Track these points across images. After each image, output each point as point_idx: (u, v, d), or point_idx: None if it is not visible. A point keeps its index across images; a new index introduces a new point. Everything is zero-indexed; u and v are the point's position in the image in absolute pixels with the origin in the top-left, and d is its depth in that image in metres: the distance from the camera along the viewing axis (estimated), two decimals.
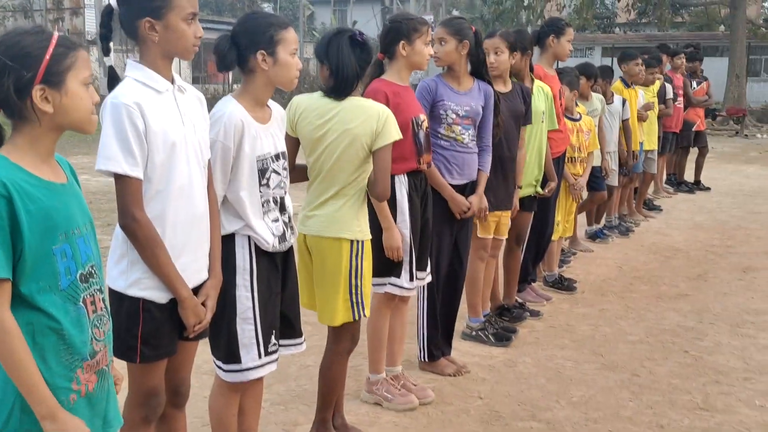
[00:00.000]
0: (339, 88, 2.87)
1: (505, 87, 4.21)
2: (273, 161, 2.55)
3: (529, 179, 4.58)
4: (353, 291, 2.95)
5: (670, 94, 8.37)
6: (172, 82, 2.21)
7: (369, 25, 43.89)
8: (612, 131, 6.69)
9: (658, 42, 30.18)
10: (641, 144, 7.48)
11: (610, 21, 39.09)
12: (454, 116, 3.70)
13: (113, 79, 2.17)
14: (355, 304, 2.97)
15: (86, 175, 8.81)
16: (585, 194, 5.96)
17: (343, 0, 45.46)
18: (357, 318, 3.00)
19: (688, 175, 10.12)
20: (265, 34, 2.48)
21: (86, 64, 1.71)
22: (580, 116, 5.63)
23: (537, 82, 4.64)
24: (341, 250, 2.92)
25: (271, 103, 2.63)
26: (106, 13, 2.18)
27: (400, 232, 3.28)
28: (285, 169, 2.62)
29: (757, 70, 30.67)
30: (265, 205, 2.55)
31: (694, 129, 9.55)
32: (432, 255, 3.66)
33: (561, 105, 5.03)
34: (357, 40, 2.90)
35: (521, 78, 4.47)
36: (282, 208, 2.62)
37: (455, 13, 46.21)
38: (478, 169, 3.85)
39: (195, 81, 31.62)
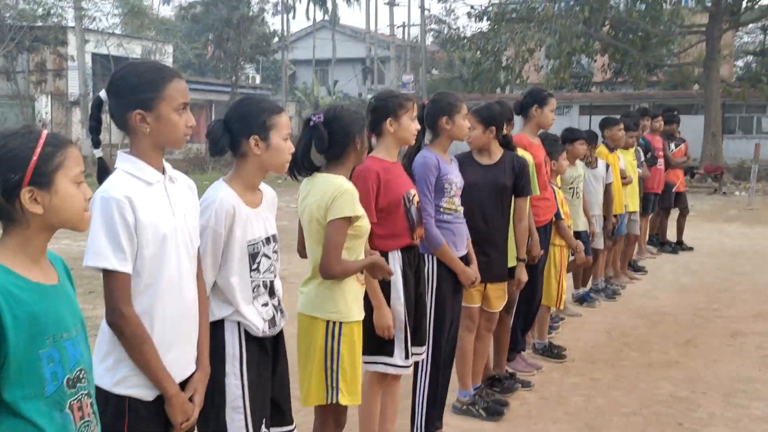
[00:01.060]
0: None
1: (489, 159, 4.22)
2: (264, 245, 2.52)
3: (513, 248, 4.57)
4: (327, 374, 2.91)
5: (642, 157, 8.48)
6: (163, 171, 2.18)
7: (350, 84, 44.65)
8: (597, 195, 6.74)
9: (633, 100, 30.75)
10: (625, 206, 7.55)
11: (587, 80, 39.91)
12: (456, 189, 3.74)
13: (103, 171, 2.13)
14: (329, 388, 2.92)
15: (68, 239, 8.71)
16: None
17: (324, 60, 46.24)
18: (331, 402, 2.93)
19: (671, 236, 10.19)
20: (258, 119, 2.49)
21: (77, 161, 1.68)
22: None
23: (518, 150, 4.67)
24: (315, 330, 2.91)
25: (262, 185, 2.62)
26: (96, 105, 2.16)
27: (395, 309, 3.24)
28: (276, 252, 2.59)
29: (731, 128, 31.32)
30: (255, 290, 2.51)
31: (674, 190, 9.66)
32: (439, 330, 3.65)
33: (547, 173, 5.06)
34: (308, 122, 2.96)
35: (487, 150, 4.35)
36: (272, 292, 2.58)
37: (434, 73, 47.10)
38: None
39: None
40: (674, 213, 10.13)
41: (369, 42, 42.60)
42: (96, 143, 2.16)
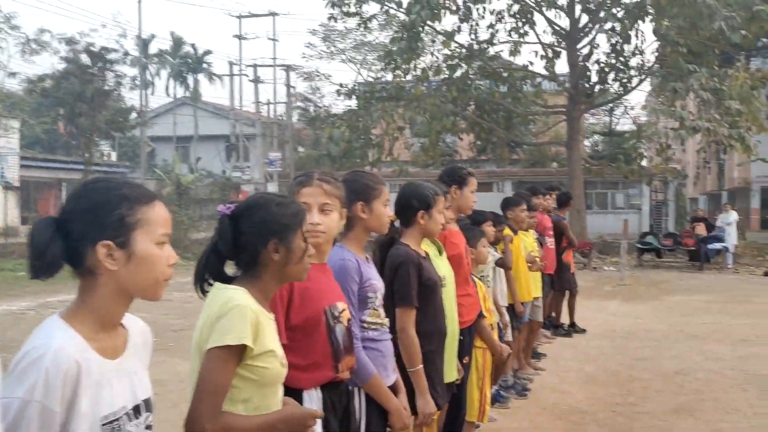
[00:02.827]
0: (195, 279, 2.08)
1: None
2: (128, 420, 1.56)
3: (449, 359, 3.77)
4: None
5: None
6: None
7: (214, 161, 43.33)
8: (502, 283, 6.13)
9: (497, 177, 31.45)
10: None
11: (452, 158, 40.86)
12: (380, 297, 2.90)
13: None
14: None
15: None
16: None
17: (185, 137, 44.76)
18: None
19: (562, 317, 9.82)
20: (113, 214, 1.57)
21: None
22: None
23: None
24: None
25: (127, 317, 1.67)
26: None
27: None
28: (149, 428, 1.63)
29: (589, 204, 32.64)
30: None
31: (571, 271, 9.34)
32: None
33: (467, 264, 4.34)
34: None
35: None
36: None
37: (301, 150, 46.72)
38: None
39: (24, 222, 29.12)
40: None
41: (233, 119, 41.70)
42: None
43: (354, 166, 30.70)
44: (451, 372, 3.83)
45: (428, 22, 21.95)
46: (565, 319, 9.79)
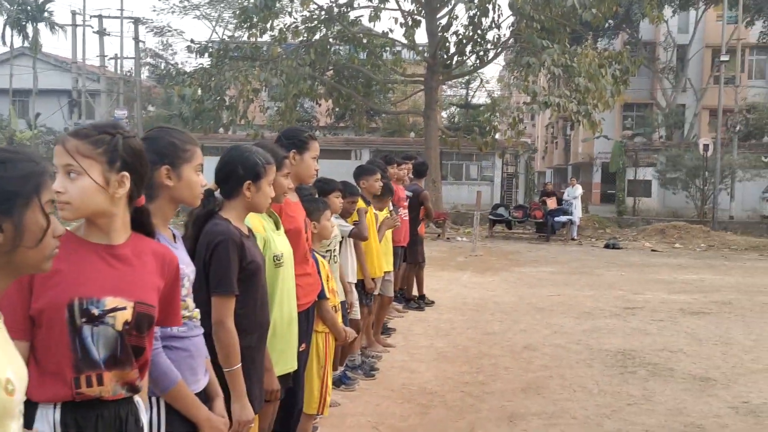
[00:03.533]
0: None
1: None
2: None
3: (283, 348, 3.27)
4: None
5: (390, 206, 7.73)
6: None
7: (54, 118, 40.18)
8: (353, 257, 5.70)
9: (355, 145, 31.24)
10: None
11: (310, 124, 40.10)
12: (189, 284, 2.32)
13: None
14: None
15: None
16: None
17: (23, 90, 41.19)
18: None
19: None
20: None
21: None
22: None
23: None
24: None
25: None
26: None
27: None
28: None
29: (444, 175, 33.06)
30: None
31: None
32: None
33: (308, 239, 3.84)
34: None
35: None
36: None
37: (151, 109, 44.29)
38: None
39: None
40: None
41: (76, 72, 38.77)
42: None
43: (207, 128, 29.39)
44: (286, 362, 3.35)
45: None
46: (414, 291, 9.57)
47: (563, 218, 20.66)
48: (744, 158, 26.86)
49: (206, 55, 24.17)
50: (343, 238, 5.47)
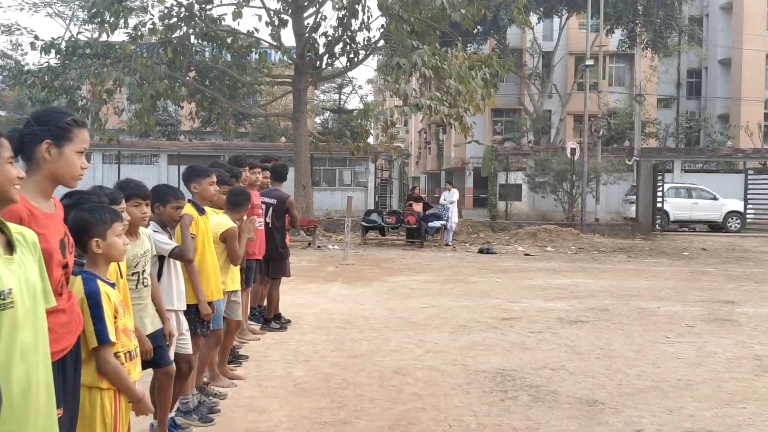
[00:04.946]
0: None
1: None
2: None
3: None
4: None
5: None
6: None
7: None
8: (176, 281, 4.63)
9: (223, 150, 29.82)
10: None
11: (175, 128, 38.10)
12: None
13: None
14: None
15: None
16: None
17: None
18: None
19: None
20: None
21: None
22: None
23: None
24: None
25: None
26: None
27: None
28: None
29: (317, 180, 32.13)
30: None
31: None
32: None
33: (64, 264, 2.73)
34: None
35: None
36: None
37: (1, 114, 40.71)
38: None
39: None
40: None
41: None
42: None
43: None
44: None
45: None
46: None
47: (437, 223, 20.17)
48: (608, 162, 27.54)
49: (53, 52, 22.03)
50: (163, 257, 4.40)
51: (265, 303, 8.46)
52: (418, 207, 21.11)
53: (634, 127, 33.43)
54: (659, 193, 25.53)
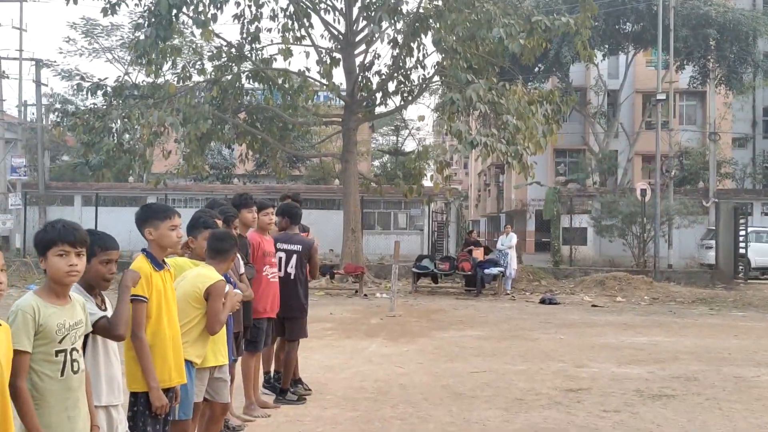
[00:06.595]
0: None
1: None
2: None
3: None
4: None
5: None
6: None
7: None
8: (104, 361, 3.38)
9: (276, 194, 28.97)
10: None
11: (230, 171, 37.62)
12: None
13: None
14: None
15: None
16: None
17: None
18: None
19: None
20: None
21: None
22: None
23: None
24: None
25: None
26: None
27: None
28: None
29: (371, 224, 30.95)
30: None
31: None
32: None
33: None
34: None
35: None
36: None
37: (66, 158, 41.04)
38: None
39: None
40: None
41: None
42: None
43: (119, 176, 26.67)
44: None
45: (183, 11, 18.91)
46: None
47: (494, 270, 18.61)
48: (681, 204, 25.56)
49: (100, 94, 21.61)
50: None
51: (282, 369, 7.14)
52: (478, 253, 19.63)
53: (709, 167, 31.30)
54: (741, 238, 23.38)
